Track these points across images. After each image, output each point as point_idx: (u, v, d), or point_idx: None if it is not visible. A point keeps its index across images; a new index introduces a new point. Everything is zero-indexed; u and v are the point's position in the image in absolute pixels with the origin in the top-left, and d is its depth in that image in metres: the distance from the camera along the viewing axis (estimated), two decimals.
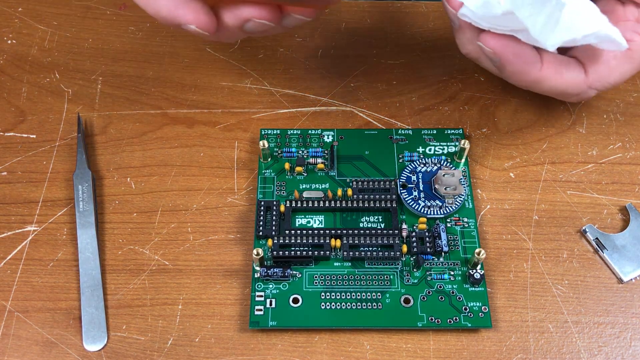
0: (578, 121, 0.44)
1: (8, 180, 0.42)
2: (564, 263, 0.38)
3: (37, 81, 0.46)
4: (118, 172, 0.42)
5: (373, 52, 0.48)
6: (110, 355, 0.36)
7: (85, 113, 0.45)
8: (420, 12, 0.50)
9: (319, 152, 0.42)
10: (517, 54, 0.35)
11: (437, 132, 0.43)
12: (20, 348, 0.36)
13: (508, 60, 0.35)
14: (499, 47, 0.35)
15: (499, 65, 0.36)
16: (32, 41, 0.48)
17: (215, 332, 0.36)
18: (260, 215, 0.39)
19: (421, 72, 0.47)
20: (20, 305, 0.37)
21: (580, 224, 0.40)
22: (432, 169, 0.41)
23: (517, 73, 0.36)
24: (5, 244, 0.39)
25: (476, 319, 0.36)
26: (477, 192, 0.41)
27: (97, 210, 0.40)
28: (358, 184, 0.40)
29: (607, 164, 0.42)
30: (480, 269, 0.37)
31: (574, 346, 0.36)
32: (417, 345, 0.36)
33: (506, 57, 0.35)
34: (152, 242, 0.39)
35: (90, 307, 0.37)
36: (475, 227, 0.39)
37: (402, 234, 0.38)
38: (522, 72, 0.36)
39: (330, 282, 0.37)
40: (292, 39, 0.48)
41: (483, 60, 0.38)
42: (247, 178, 0.42)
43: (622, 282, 0.38)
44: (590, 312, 0.37)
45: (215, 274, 0.38)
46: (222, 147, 0.43)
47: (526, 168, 0.42)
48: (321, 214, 0.40)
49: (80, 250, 0.38)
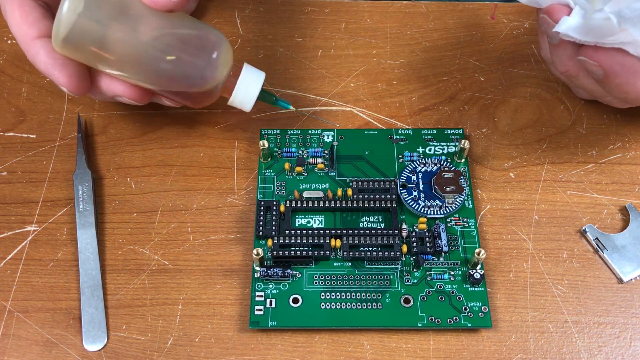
0: (578, 121, 0.44)
1: (8, 180, 0.42)
2: (564, 263, 0.38)
3: (37, 81, 0.46)
4: (118, 172, 0.42)
5: (373, 52, 0.48)
6: (110, 355, 0.36)
7: (85, 113, 0.45)
8: (420, 12, 0.50)
9: (319, 152, 0.42)
10: (624, 65, 0.34)
11: (437, 132, 0.43)
12: (20, 348, 0.36)
13: (615, 72, 0.35)
14: (604, 60, 0.34)
15: (604, 78, 0.35)
16: None
17: (215, 332, 0.36)
18: (260, 215, 0.39)
19: (421, 72, 0.47)
20: (20, 305, 0.37)
21: (580, 224, 0.40)
22: (432, 169, 0.41)
23: (623, 85, 0.35)
24: (5, 244, 0.39)
25: (476, 319, 0.36)
26: (477, 192, 0.41)
27: (97, 210, 0.40)
28: (358, 184, 0.40)
29: (607, 164, 0.42)
30: (480, 269, 0.37)
31: (574, 346, 0.36)
32: (417, 345, 0.36)
33: (612, 70, 0.34)
34: (152, 242, 0.39)
35: (90, 307, 0.37)
36: (475, 227, 0.39)
37: (402, 234, 0.38)
38: (629, 83, 0.35)
39: (330, 282, 0.37)
40: (292, 39, 0.48)
41: (582, 77, 0.37)
42: (247, 178, 0.42)
43: (622, 282, 0.38)
44: (590, 312, 0.37)
45: (215, 274, 0.38)
46: (222, 147, 0.43)
47: (526, 168, 0.42)
48: (321, 214, 0.40)
49: (80, 250, 0.38)
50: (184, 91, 0.38)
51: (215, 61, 0.37)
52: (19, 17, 0.36)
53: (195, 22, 0.38)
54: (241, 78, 0.38)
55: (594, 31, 0.33)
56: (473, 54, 0.47)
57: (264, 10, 0.50)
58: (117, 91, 0.38)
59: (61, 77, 0.36)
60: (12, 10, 0.36)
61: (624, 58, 0.34)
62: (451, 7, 0.50)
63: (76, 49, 0.35)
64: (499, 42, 0.48)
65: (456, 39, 0.48)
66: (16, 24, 0.36)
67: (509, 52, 0.47)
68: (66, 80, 0.36)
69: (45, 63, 0.36)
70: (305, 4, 0.50)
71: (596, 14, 0.33)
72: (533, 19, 0.49)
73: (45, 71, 0.36)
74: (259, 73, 0.39)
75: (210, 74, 0.37)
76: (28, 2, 0.36)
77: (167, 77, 0.37)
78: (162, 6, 0.35)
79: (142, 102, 0.39)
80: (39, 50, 0.36)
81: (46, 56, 0.36)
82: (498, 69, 0.47)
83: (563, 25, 0.34)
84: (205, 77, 0.37)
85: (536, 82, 0.46)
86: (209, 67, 0.37)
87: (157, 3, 0.35)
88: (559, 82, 0.46)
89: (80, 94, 0.37)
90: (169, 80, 0.37)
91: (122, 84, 0.37)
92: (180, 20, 0.37)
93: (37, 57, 0.36)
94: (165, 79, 0.37)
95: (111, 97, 0.39)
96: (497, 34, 0.48)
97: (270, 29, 0.49)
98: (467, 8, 0.50)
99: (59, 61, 0.36)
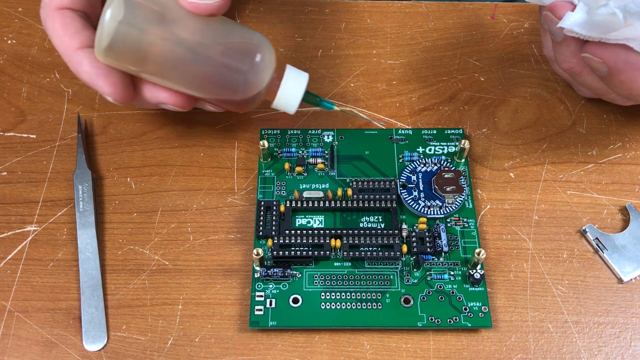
0: (578, 121, 0.44)
1: (8, 180, 0.42)
2: (564, 263, 0.38)
3: (37, 81, 0.46)
4: (118, 172, 0.42)
5: (373, 52, 0.48)
6: (110, 355, 0.36)
7: (85, 113, 0.45)
8: (420, 12, 0.50)
9: (319, 152, 0.42)
10: (628, 62, 0.34)
11: (437, 132, 0.43)
12: (20, 348, 0.36)
13: (619, 69, 0.34)
14: (608, 56, 0.34)
15: (607, 75, 0.35)
16: (32, 41, 0.48)
17: (215, 332, 0.36)
18: (260, 215, 0.39)
19: (421, 72, 0.47)
20: (20, 305, 0.37)
21: (580, 224, 0.40)
22: (432, 169, 0.41)
23: (627, 81, 0.35)
24: (5, 244, 0.39)
25: (476, 319, 0.36)
26: (477, 192, 0.41)
27: (97, 210, 0.40)
28: (358, 184, 0.40)
29: (607, 164, 0.42)
30: (480, 269, 0.37)
31: (574, 346, 0.36)
32: (417, 345, 0.36)
33: (617, 66, 0.34)
34: (152, 242, 0.39)
35: (90, 307, 0.37)
36: (475, 227, 0.39)
37: (402, 234, 0.38)
38: (633, 80, 0.35)
39: (330, 282, 0.37)
40: (292, 39, 0.48)
41: (585, 74, 0.37)
42: (247, 178, 0.42)
43: (622, 282, 0.38)
44: (590, 312, 0.37)
45: (215, 274, 0.38)
46: (222, 147, 0.43)
47: (526, 168, 0.42)
48: (321, 214, 0.40)
49: (80, 250, 0.38)
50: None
51: (258, 65, 0.36)
52: (60, 28, 0.36)
53: (236, 25, 0.37)
54: (284, 80, 0.37)
55: (598, 26, 0.33)
56: (473, 54, 0.47)
57: (264, 10, 0.50)
58: (161, 99, 0.37)
59: (105, 87, 0.35)
60: (52, 22, 0.36)
61: (628, 54, 0.34)
62: (451, 7, 0.50)
63: (119, 58, 0.35)
64: (499, 42, 0.48)
65: (456, 39, 0.48)
66: (58, 36, 0.36)
67: (509, 52, 0.47)
68: (111, 90, 0.36)
69: (88, 73, 0.35)
70: (305, 4, 0.50)
71: (601, 9, 0.32)
72: (533, 19, 0.49)
73: (89, 81, 0.36)
74: (303, 74, 0.38)
75: (254, 79, 0.36)
76: (68, 13, 0.36)
77: (210, 83, 0.36)
78: (204, 11, 0.34)
79: (187, 108, 0.38)
80: (82, 60, 0.35)
81: (89, 66, 0.35)
82: (498, 69, 0.47)
83: (567, 21, 0.34)
84: (249, 82, 0.36)
85: (536, 82, 0.46)
86: (252, 72, 0.36)
87: (198, 7, 0.34)
88: (559, 82, 0.46)
89: (125, 102, 0.37)
90: (212, 86, 0.36)
91: (165, 91, 0.37)
92: (222, 24, 0.36)
93: (80, 68, 0.36)
94: (209, 86, 0.36)
95: (155, 105, 0.38)
96: (497, 34, 0.48)
97: (270, 29, 0.49)
98: (467, 8, 0.50)
99: (103, 70, 0.35)
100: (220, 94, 0.37)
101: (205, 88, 0.37)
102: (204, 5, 0.34)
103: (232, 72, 0.36)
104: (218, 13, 0.35)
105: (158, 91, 0.37)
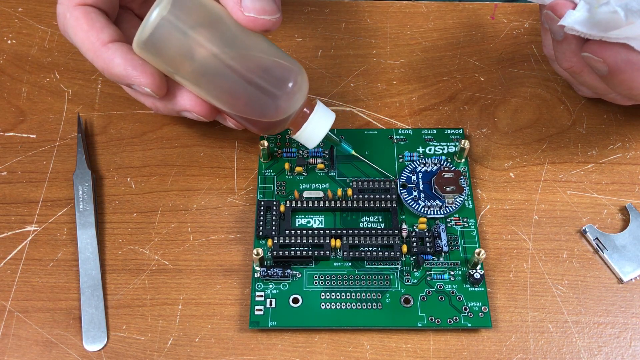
0: (578, 121, 0.44)
1: (8, 180, 0.42)
2: (564, 263, 0.38)
3: (37, 81, 0.46)
4: (118, 172, 0.42)
5: (373, 52, 0.48)
6: (110, 355, 0.36)
7: (85, 113, 0.45)
8: (420, 12, 0.50)
9: (319, 152, 0.42)
10: (629, 61, 0.34)
11: (437, 132, 0.43)
12: (20, 348, 0.36)
13: (619, 68, 0.34)
14: (608, 56, 0.34)
15: (608, 75, 0.35)
16: (32, 41, 0.48)
17: (215, 332, 0.36)
18: (260, 215, 0.39)
19: (421, 72, 0.47)
20: (20, 305, 0.37)
21: (580, 224, 0.40)
22: (432, 169, 0.41)
23: (627, 81, 0.35)
24: (5, 244, 0.39)
25: (476, 319, 0.36)
26: (477, 192, 0.41)
27: (97, 210, 0.40)
28: (358, 184, 0.40)
29: (607, 164, 0.42)
30: (480, 269, 0.37)
31: (574, 346, 0.36)
32: (417, 345, 0.36)
33: (617, 66, 0.34)
34: (152, 242, 0.39)
35: (90, 307, 0.37)
36: (475, 227, 0.39)
37: (402, 234, 0.38)
38: (633, 79, 0.35)
39: (330, 282, 0.37)
40: (292, 39, 0.48)
41: (586, 74, 0.37)
42: (247, 178, 0.42)
43: (622, 282, 0.38)
44: (590, 312, 0.37)
45: (215, 274, 0.38)
46: (222, 147, 0.43)
47: (526, 168, 0.42)
48: (321, 214, 0.40)
49: (80, 250, 0.38)
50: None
51: (292, 93, 0.35)
52: (85, 24, 0.35)
53: (276, 48, 0.36)
54: (313, 116, 0.37)
55: (599, 25, 0.33)
56: (473, 54, 0.47)
57: None
58: (187, 106, 0.37)
59: (142, 77, 0.35)
60: (76, 19, 0.35)
61: (628, 54, 0.34)
62: (451, 7, 0.50)
63: (156, 53, 0.34)
64: (499, 42, 0.48)
65: (456, 39, 0.48)
66: (83, 31, 0.35)
67: (509, 52, 0.47)
68: (148, 80, 0.35)
69: (123, 65, 0.35)
70: (305, 4, 0.50)
71: (602, 8, 0.32)
72: (533, 19, 0.49)
73: (124, 72, 0.35)
74: (330, 114, 0.38)
75: (285, 105, 0.35)
76: (92, 9, 0.36)
77: (240, 101, 0.36)
78: (260, 26, 0.33)
79: (210, 118, 0.38)
80: (114, 53, 0.35)
81: (123, 58, 0.35)
82: (498, 69, 0.47)
83: (568, 19, 0.33)
84: (279, 107, 0.35)
85: (536, 82, 0.46)
86: (284, 98, 0.35)
87: (255, 22, 0.33)
88: (559, 82, 0.46)
89: (161, 94, 0.36)
90: (242, 104, 0.36)
91: (193, 99, 0.36)
92: (265, 44, 0.36)
93: (113, 61, 0.35)
94: (238, 103, 0.36)
95: (178, 111, 0.37)
96: (497, 34, 0.48)
97: None
98: (467, 8, 0.50)
99: (138, 62, 0.35)
100: (247, 113, 0.36)
101: (235, 105, 0.36)
102: (262, 20, 0.33)
103: (265, 94, 0.35)
104: (272, 29, 0.34)
105: (185, 97, 0.37)
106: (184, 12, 0.33)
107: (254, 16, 0.33)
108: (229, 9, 0.33)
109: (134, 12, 0.40)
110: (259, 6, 0.33)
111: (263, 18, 0.33)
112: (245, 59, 0.35)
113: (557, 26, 0.34)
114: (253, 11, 0.33)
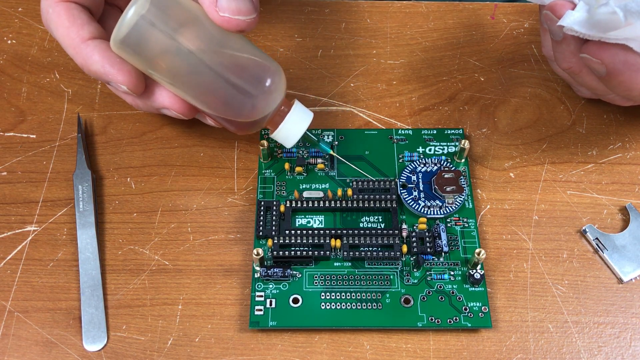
0: (578, 121, 0.44)
1: (8, 180, 0.42)
2: (564, 263, 0.38)
3: (37, 81, 0.46)
4: (118, 172, 0.42)
5: (373, 52, 0.48)
6: (110, 355, 0.36)
7: (85, 113, 0.45)
8: (420, 12, 0.50)
9: (319, 152, 0.42)
10: (627, 63, 0.34)
11: (437, 132, 0.43)
12: (20, 348, 0.36)
13: (617, 69, 0.34)
14: (607, 57, 0.34)
15: (606, 76, 0.35)
16: (32, 41, 0.48)
17: (215, 332, 0.36)
18: (260, 215, 0.39)
19: (421, 72, 0.47)
20: (20, 305, 0.37)
21: (580, 224, 0.40)
22: (432, 169, 0.41)
23: (626, 82, 0.35)
24: (5, 244, 0.39)
25: (476, 319, 0.36)
26: (477, 192, 0.41)
27: (97, 210, 0.40)
28: (358, 184, 0.40)
29: (607, 164, 0.42)
30: (480, 269, 0.37)
31: (574, 346, 0.36)
32: (417, 345, 0.36)
33: (615, 67, 0.34)
34: (152, 242, 0.39)
35: (90, 307, 0.37)
36: (475, 227, 0.39)
37: (402, 234, 0.38)
38: (632, 81, 0.35)
39: (330, 282, 0.37)
40: (292, 39, 0.48)
41: (584, 74, 0.37)
42: (247, 178, 0.42)
43: (622, 282, 0.38)
44: (590, 312, 0.37)
45: (215, 274, 0.38)
46: (222, 147, 0.43)
47: (526, 168, 0.42)
48: (321, 214, 0.40)
49: (80, 250, 0.38)
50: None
51: (268, 92, 0.36)
52: (66, 20, 0.35)
53: (253, 47, 0.36)
54: (290, 115, 0.37)
55: (598, 25, 0.33)
56: (473, 54, 0.47)
57: (264, 10, 0.50)
58: (165, 103, 0.37)
59: (119, 75, 0.35)
60: (58, 14, 0.36)
61: (627, 55, 0.34)
62: (451, 7, 0.50)
63: (133, 52, 0.34)
64: (499, 42, 0.48)
65: (456, 39, 0.48)
66: (64, 27, 0.35)
67: (509, 52, 0.47)
68: (125, 77, 0.35)
69: (100, 62, 0.35)
70: (305, 4, 0.50)
71: (601, 8, 0.32)
72: (533, 19, 0.49)
73: (102, 70, 0.35)
74: (308, 113, 0.38)
75: (261, 104, 0.36)
76: (74, 6, 0.36)
77: (216, 100, 0.36)
78: (235, 27, 0.33)
79: (189, 116, 0.38)
80: (93, 50, 0.35)
81: (101, 55, 0.35)
82: (498, 69, 0.47)
83: (567, 20, 0.33)
84: (255, 107, 0.36)
85: (536, 82, 0.46)
86: (260, 97, 0.36)
87: (230, 22, 0.33)
88: (559, 82, 0.46)
89: (138, 92, 0.36)
90: (218, 103, 0.36)
91: (171, 96, 0.37)
92: (241, 43, 0.36)
93: (91, 58, 0.35)
94: (215, 102, 0.36)
95: (157, 108, 0.38)
96: (497, 34, 0.48)
97: (270, 29, 0.49)
98: (467, 8, 0.50)
99: (116, 60, 0.35)
100: (224, 113, 0.36)
101: (211, 104, 0.36)
102: (237, 20, 0.33)
103: (241, 93, 0.35)
104: (248, 29, 0.34)
105: (163, 95, 0.37)
106: (161, 10, 0.34)
107: (228, 16, 0.33)
108: (205, 8, 0.34)
109: (121, 9, 0.40)
110: (234, 6, 0.33)
111: (237, 18, 0.33)
112: (221, 58, 0.35)
113: (556, 26, 0.34)
114: (228, 11, 0.33)
